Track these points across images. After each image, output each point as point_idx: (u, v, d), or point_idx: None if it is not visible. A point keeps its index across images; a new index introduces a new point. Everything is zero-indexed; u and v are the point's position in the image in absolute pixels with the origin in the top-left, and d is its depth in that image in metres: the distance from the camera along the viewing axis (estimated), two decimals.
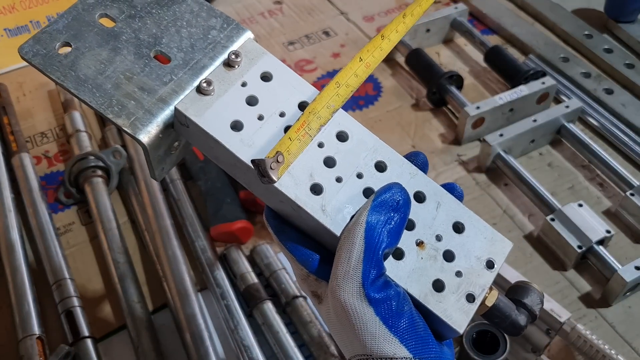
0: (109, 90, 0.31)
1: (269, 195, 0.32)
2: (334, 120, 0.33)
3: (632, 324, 0.58)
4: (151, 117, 0.31)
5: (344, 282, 0.29)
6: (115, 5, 0.34)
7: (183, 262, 0.59)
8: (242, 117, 0.32)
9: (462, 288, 0.31)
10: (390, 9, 0.97)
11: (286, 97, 0.33)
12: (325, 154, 0.32)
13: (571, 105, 0.74)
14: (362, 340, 0.29)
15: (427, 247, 0.31)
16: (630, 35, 0.89)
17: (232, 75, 0.33)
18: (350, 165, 0.32)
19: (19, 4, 0.84)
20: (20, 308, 0.56)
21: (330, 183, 0.31)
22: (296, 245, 0.32)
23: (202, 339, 0.53)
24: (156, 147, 0.32)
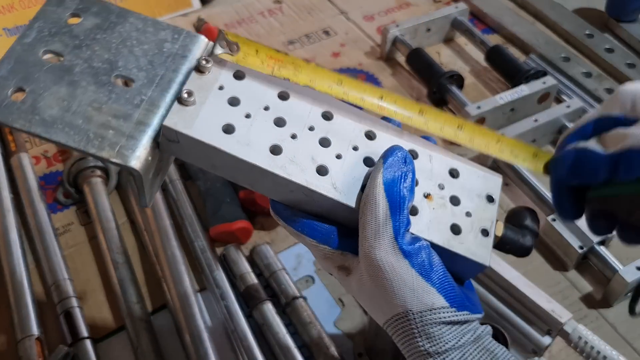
0: (82, 125, 0.30)
1: (278, 188, 0.32)
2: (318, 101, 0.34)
3: (633, 324, 0.58)
4: (136, 141, 0.30)
5: (376, 241, 0.30)
6: (56, 39, 0.32)
7: (182, 262, 0.59)
8: (231, 119, 0.32)
9: (475, 226, 0.33)
10: (390, 9, 0.97)
11: (264, 91, 0.33)
12: (318, 135, 0.33)
13: (572, 105, 0.73)
14: (401, 295, 0.29)
15: (435, 198, 0.33)
16: (631, 34, 0.89)
17: (207, 82, 0.33)
18: (344, 140, 0.33)
19: (18, 3, 0.84)
20: (19, 308, 0.55)
21: (332, 161, 0.32)
22: (312, 228, 0.32)
23: (201, 340, 0.53)
24: (147, 171, 0.31)
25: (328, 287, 0.60)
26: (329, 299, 0.59)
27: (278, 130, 0.32)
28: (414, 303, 0.29)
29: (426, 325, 0.29)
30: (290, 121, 0.33)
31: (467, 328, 0.30)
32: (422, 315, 0.29)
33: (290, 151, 0.32)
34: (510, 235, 0.34)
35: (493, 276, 0.54)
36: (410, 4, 0.98)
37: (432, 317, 0.29)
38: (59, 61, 0.32)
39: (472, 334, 0.30)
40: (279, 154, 0.32)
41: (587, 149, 0.31)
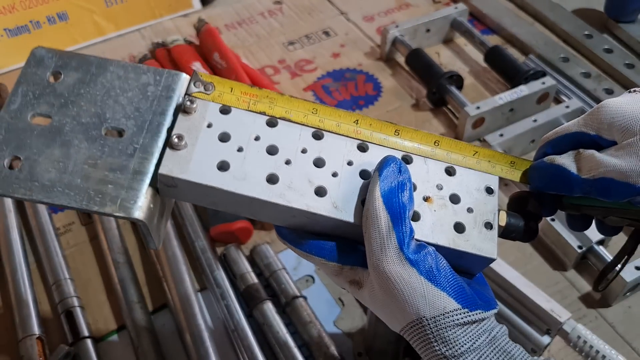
0: (81, 184, 0.30)
1: (280, 215, 0.32)
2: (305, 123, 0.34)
3: (632, 324, 0.58)
4: (136, 192, 0.30)
5: (382, 254, 0.30)
6: (42, 100, 0.32)
7: (183, 262, 0.59)
8: (224, 156, 0.32)
9: (478, 220, 0.33)
10: (390, 9, 0.97)
11: (252, 121, 0.33)
12: (311, 157, 0.33)
13: (571, 105, 0.74)
14: (413, 302, 0.30)
15: (435, 199, 0.33)
16: (630, 35, 0.89)
17: (194, 122, 0.33)
18: (338, 157, 0.33)
19: (19, 3, 0.84)
20: (20, 308, 0.56)
21: (329, 180, 0.32)
22: (320, 247, 0.33)
23: (202, 339, 0.53)
24: (151, 218, 0.31)
25: (328, 286, 0.60)
26: (329, 298, 0.59)
27: (272, 158, 0.32)
28: (427, 309, 0.30)
29: (441, 330, 0.30)
30: (282, 147, 0.33)
31: (483, 328, 0.30)
32: (435, 321, 0.30)
33: (286, 178, 0.32)
34: (514, 222, 0.34)
35: (493, 276, 0.55)
36: (410, 5, 0.98)
37: (446, 320, 0.30)
38: (49, 123, 0.32)
39: (488, 335, 0.30)
40: (276, 182, 0.32)
41: (563, 168, 0.33)
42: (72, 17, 0.88)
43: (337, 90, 0.83)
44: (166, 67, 0.82)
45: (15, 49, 0.86)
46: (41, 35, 0.87)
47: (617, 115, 0.32)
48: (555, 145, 0.35)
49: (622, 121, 0.31)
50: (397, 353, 0.52)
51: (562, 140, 0.34)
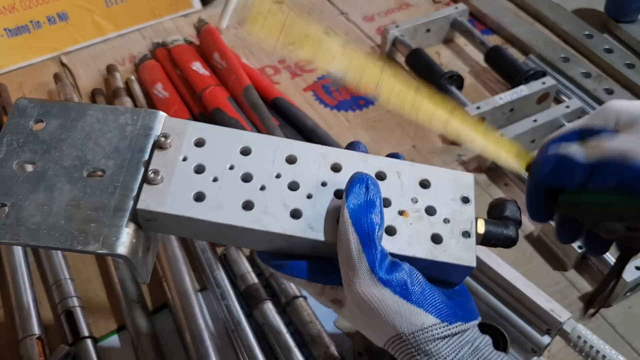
0: (65, 225, 0.31)
1: (258, 240, 0.33)
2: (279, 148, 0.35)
3: (633, 324, 0.58)
4: (118, 228, 0.31)
5: (355, 276, 0.30)
6: (26, 148, 0.33)
7: (183, 262, 0.59)
8: (200, 187, 0.33)
9: (455, 230, 0.34)
10: (390, 9, 0.97)
11: (226, 151, 0.34)
12: (286, 181, 0.34)
13: (571, 105, 0.74)
14: (391, 321, 0.30)
15: (410, 212, 0.34)
16: (631, 35, 0.89)
17: (170, 156, 0.34)
18: (311, 179, 0.34)
19: (19, 3, 0.84)
20: (20, 308, 0.56)
21: (305, 203, 0.33)
22: (300, 269, 0.33)
23: (202, 339, 0.53)
24: (135, 252, 0.32)
25: None
26: None
27: (246, 185, 0.34)
28: (404, 326, 0.30)
29: (421, 344, 0.30)
30: (257, 174, 0.34)
31: (465, 339, 0.31)
32: (415, 336, 0.30)
33: (262, 203, 0.33)
34: (493, 229, 0.34)
35: (492, 276, 0.54)
36: (410, 5, 0.98)
37: (425, 335, 0.30)
38: (33, 168, 0.33)
39: (470, 346, 0.31)
40: (251, 208, 0.33)
41: (567, 155, 0.33)
42: (72, 17, 0.88)
43: (337, 90, 0.83)
44: (167, 67, 0.82)
45: (16, 49, 0.86)
46: (41, 36, 0.87)
47: (622, 111, 0.32)
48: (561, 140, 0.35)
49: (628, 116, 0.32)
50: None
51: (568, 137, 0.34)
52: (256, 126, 0.71)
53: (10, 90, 0.81)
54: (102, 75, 0.85)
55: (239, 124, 0.69)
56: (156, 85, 0.78)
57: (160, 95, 0.77)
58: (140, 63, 0.84)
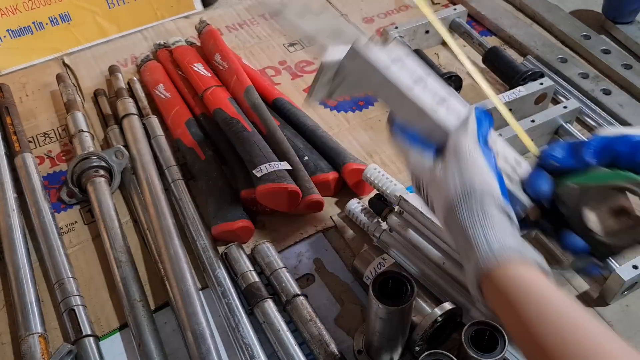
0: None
1: (407, 107, 0.46)
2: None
3: (630, 322, 0.58)
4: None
5: (465, 134, 0.42)
6: None
7: (184, 261, 0.59)
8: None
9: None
10: (390, 11, 0.98)
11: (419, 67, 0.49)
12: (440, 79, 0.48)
13: (569, 105, 0.74)
14: (472, 172, 0.40)
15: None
16: (628, 36, 0.89)
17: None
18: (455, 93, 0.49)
19: (22, 5, 0.85)
20: (22, 306, 0.56)
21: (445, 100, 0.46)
22: (415, 137, 0.45)
23: (203, 338, 0.53)
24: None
25: (328, 285, 0.61)
26: (329, 297, 0.60)
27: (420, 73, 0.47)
28: (479, 183, 0.39)
29: (485, 205, 0.38)
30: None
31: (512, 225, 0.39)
32: (482, 195, 0.39)
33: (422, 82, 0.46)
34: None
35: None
36: (409, 7, 0.99)
37: (489, 199, 0.38)
38: None
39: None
40: (417, 84, 0.46)
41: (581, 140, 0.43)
42: (74, 18, 0.89)
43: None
44: (168, 68, 0.83)
45: (18, 50, 0.86)
46: (44, 37, 0.87)
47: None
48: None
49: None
50: (394, 351, 0.53)
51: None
52: (257, 126, 0.71)
53: (13, 90, 0.82)
54: (104, 76, 0.86)
55: (240, 124, 0.70)
56: (158, 86, 0.79)
57: (162, 95, 0.78)
58: (142, 64, 0.84)
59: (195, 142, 0.71)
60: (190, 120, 0.74)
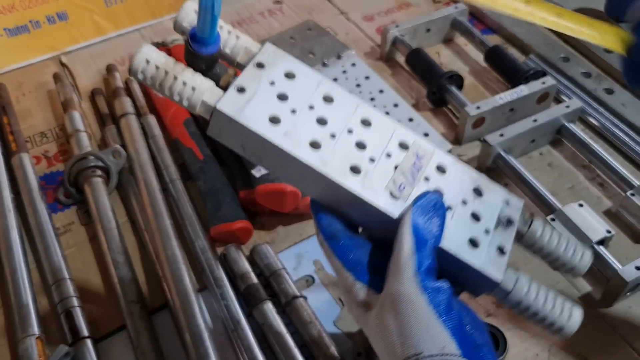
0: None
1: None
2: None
3: (633, 324, 0.58)
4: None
5: (399, 274, 0.31)
6: None
7: (183, 262, 0.59)
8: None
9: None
10: (390, 9, 0.97)
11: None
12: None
13: (571, 105, 0.73)
14: (416, 332, 0.29)
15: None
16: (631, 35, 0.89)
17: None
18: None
19: (19, 3, 0.84)
20: (19, 308, 0.56)
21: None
22: (346, 251, 0.33)
23: (201, 339, 0.53)
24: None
25: (328, 287, 0.60)
26: (329, 298, 0.59)
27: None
28: (426, 344, 0.29)
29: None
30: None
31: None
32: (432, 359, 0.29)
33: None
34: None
35: None
36: (410, 5, 0.98)
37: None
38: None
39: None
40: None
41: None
42: (71, 17, 0.88)
43: None
44: None
45: (15, 48, 0.86)
46: (41, 35, 0.87)
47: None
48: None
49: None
50: None
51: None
52: None
53: (10, 90, 0.81)
54: (101, 75, 0.85)
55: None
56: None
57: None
58: None
59: (193, 141, 0.70)
60: (188, 119, 0.73)
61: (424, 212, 0.32)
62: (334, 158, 0.34)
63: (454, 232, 0.34)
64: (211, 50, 0.35)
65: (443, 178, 0.35)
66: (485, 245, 0.34)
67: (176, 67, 0.35)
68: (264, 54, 0.36)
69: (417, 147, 0.36)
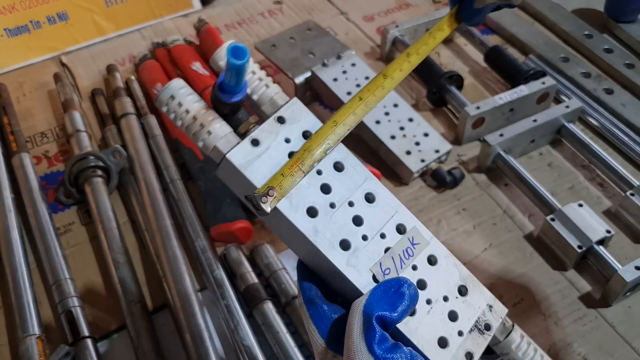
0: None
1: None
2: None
3: (632, 324, 0.58)
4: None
5: (353, 351, 0.31)
6: None
7: (183, 262, 0.59)
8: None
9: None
10: (390, 9, 0.97)
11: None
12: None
13: (571, 105, 0.74)
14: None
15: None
16: (630, 35, 0.89)
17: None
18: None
19: (19, 3, 0.84)
20: (20, 308, 0.56)
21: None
22: (324, 320, 0.33)
23: (202, 339, 0.53)
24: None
25: None
26: None
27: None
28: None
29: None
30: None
31: None
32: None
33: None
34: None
35: None
36: (409, 5, 0.98)
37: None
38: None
39: None
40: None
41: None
42: (72, 17, 0.88)
43: None
44: (167, 67, 0.82)
45: (16, 49, 0.86)
46: (41, 36, 0.87)
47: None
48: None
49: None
50: None
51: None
52: None
53: (10, 90, 0.81)
54: (102, 75, 0.85)
55: None
56: (156, 85, 0.78)
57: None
58: (140, 63, 0.84)
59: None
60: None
61: (383, 292, 0.32)
62: (327, 229, 0.33)
63: (426, 328, 0.33)
64: (236, 99, 0.35)
65: (431, 270, 0.35)
66: (454, 347, 0.33)
67: (199, 108, 0.35)
68: (288, 109, 0.36)
69: (414, 233, 0.35)
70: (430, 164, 0.70)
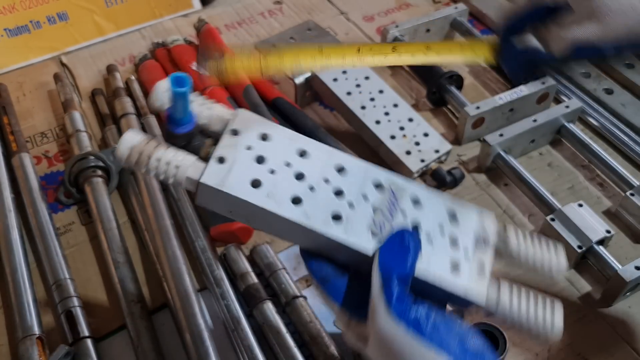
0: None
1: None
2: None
3: (632, 324, 0.58)
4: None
5: (375, 311, 0.32)
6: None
7: (183, 262, 0.59)
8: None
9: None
10: (390, 9, 0.97)
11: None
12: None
13: (571, 105, 0.74)
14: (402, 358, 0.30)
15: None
16: None
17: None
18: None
19: (19, 3, 0.84)
20: (19, 308, 0.56)
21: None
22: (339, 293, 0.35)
23: (202, 339, 0.53)
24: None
25: None
26: None
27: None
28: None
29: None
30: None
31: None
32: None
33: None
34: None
35: None
36: (409, 5, 0.98)
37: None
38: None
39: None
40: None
41: (536, 50, 0.41)
42: (72, 17, 0.88)
43: None
44: (167, 67, 0.82)
45: (16, 49, 0.86)
46: (41, 36, 0.87)
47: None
48: (515, 26, 0.41)
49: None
50: None
51: (522, 21, 0.41)
52: None
53: (10, 90, 0.81)
54: (102, 75, 0.85)
55: None
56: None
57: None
58: (140, 63, 0.84)
59: None
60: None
61: (390, 250, 0.33)
62: (316, 210, 0.35)
63: (436, 259, 0.35)
64: (187, 128, 0.37)
65: (419, 209, 0.37)
66: (467, 268, 0.35)
67: (157, 150, 0.36)
68: (238, 120, 0.38)
69: (390, 184, 0.37)
70: (430, 164, 0.70)
